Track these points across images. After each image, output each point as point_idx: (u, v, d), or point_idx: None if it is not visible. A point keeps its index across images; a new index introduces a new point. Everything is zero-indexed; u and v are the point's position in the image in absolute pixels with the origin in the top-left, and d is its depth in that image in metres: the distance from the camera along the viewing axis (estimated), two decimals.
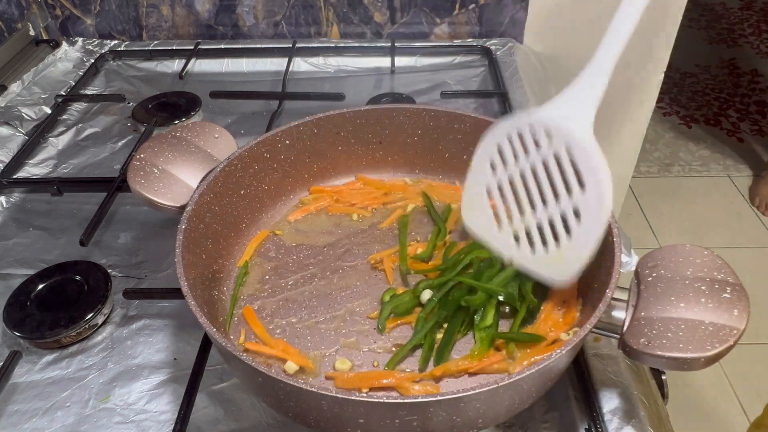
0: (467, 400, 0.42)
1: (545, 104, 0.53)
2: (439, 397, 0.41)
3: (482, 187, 0.58)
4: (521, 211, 0.56)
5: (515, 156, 0.55)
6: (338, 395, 0.42)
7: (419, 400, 0.41)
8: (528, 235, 0.55)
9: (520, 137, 0.55)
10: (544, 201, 0.54)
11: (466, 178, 0.60)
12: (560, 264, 0.53)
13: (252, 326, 0.58)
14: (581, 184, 0.51)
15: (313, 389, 0.42)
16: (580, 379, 0.56)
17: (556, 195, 0.53)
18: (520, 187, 0.55)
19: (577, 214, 0.51)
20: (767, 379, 1.64)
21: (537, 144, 0.54)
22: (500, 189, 0.57)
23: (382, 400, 0.42)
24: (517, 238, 0.56)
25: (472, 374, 0.54)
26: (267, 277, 0.64)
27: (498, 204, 0.57)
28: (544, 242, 0.54)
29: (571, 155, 0.51)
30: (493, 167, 0.57)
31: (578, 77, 0.53)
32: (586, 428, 0.53)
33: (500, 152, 0.57)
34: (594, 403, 0.54)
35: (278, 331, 0.58)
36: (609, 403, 0.55)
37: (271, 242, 0.68)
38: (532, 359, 0.53)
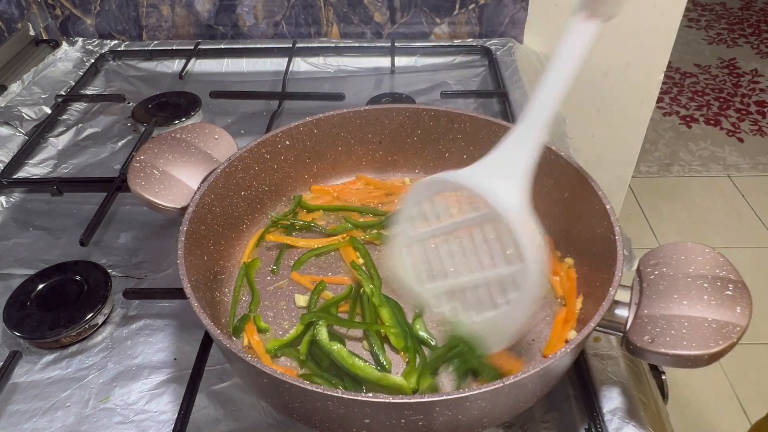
0: (472, 399, 0.42)
1: (477, 163, 0.49)
2: (444, 397, 0.41)
3: (404, 247, 0.55)
4: (450, 272, 0.52)
5: (441, 217, 0.52)
6: (344, 395, 0.42)
7: (425, 399, 0.41)
8: (461, 296, 0.53)
9: (445, 198, 0.52)
10: (469, 267, 0.51)
11: (391, 231, 0.58)
12: (492, 331, 0.51)
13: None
14: (507, 259, 0.48)
15: (318, 390, 0.42)
16: (580, 379, 0.56)
17: (481, 264, 0.50)
18: (447, 246, 0.53)
19: (502, 286, 0.49)
20: (767, 379, 1.64)
21: (461, 209, 0.51)
22: (424, 248, 0.54)
23: (387, 400, 0.42)
24: (448, 296, 0.54)
25: None
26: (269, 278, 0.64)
27: (430, 259, 0.54)
28: (478, 306, 0.51)
29: (502, 228, 0.48)
30: (421, 220, 0.54)
31: (510, 134, 0.49)
32: (586, 428, 0.53)
33: (424, 210, 0.53)
34: (594, 403, 0.54)
35: (280, 332, 0.58)
36: (609, 403, 0.55)
37: (272, 242, 0.68)
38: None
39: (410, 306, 0.59)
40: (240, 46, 1.15)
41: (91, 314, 0.62)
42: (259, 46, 1.15)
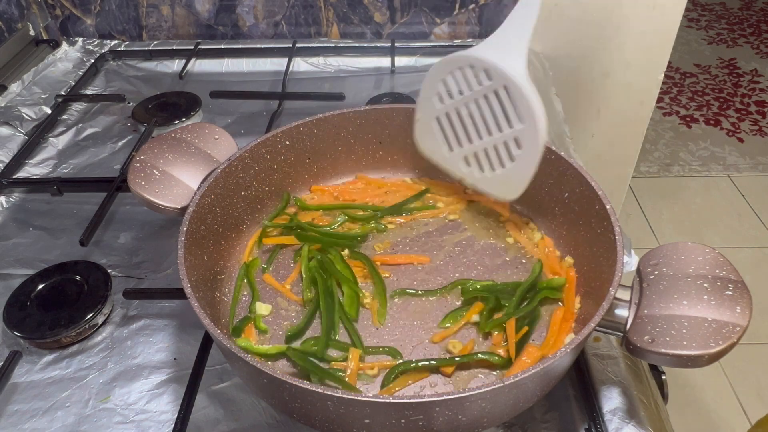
0: (473, 399, 0.42)
1: (483, 42, 0.60)
2: (444, 397, 0.41)
3: (432, 117, 0.65)
4: (469, 138, 0.63)
5: (460, 90, 0.62)
6: (344, 395, 0.42)
7: (425, 400, 0.41)
8: (477, 158, 0.63)
9: (463, 73, 0.61)
10: (488, 129, 0.61)
11: (416, 107, 0.67)
12: (505, 184, 0.62)
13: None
14: (519, 117, 0.58)
15: (318, 389, 0.42)
16: (580, 379, 0.56)
17: (498, 125, 0.60)
18: (466, 117, 0.62)
19: (517, 142, 0.59)
20: (767, 379, 1.64)
21: (478, 80, 0.60)
22: (448, 117, 0.64)
23: (387, 400, 0.42)
24: (467, 161, 0.64)
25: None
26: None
27: (448, 131, 0.65)
28: (492, 165, 0.62)
29: (507, 92, 0.58)
30: (440, 98, 0.64)
31: (510, 14, 0.58)
32: (586, 428, 0.53)
33: (446, 85, 0.63)
34: (594, 403, 0.54)
35: (280, 332, 0.58)
36: (609, 403, 0.55)
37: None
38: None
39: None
40: (240, 46, 1.15)
41: (91, 314, 0.62)
42: (259, 46, 1.15)
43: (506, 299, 0.59)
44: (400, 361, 0.55)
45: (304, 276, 0.62)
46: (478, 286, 0.60)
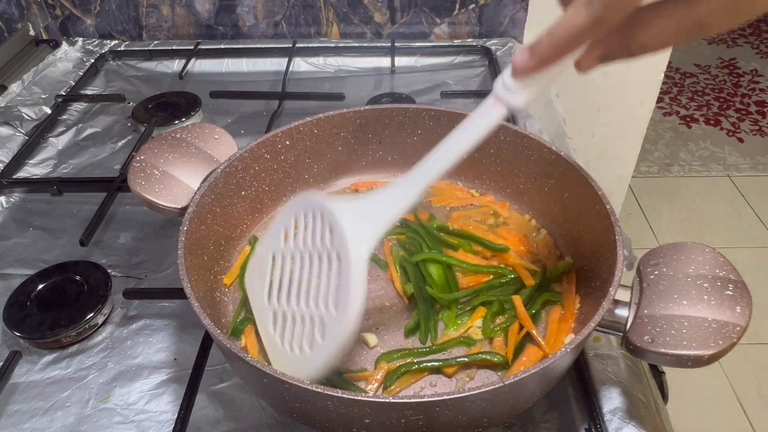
0: (473, 399, 0.42)
1: (354, 200, 0.51)
2: (444, 397, 0.41)
3: (269, 253, 0.55)
4: (288, 297, 0.52)
5: (303, 235, 0.53)
6: (344, 395, 0.42)
7: (425, 400, 0.41)
8: (284, 323, 0.52)
9: (313, 218, 0.52)
10: (308, 298, 0.51)
11: (262, 236, 0.61)
12: (292, 367, 0.49)
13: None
14: (336, 302, 0.48)
15: (318, 389, 0.42)
16: (580, 379, 0.56)
17: (317, 299, 0.50)
18: (296, 271, 0.53)
19: (322, 330, 0.48)
20: (767, 379, 1.64)
21: (322, 234, 0.51)
22: (283, 261, 0.54)
23: (387, 400, 0.42)
24: (275, 320, 0.53)
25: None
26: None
27: (276, 277, 0.54)
28: (291, 341, 0.51)
29: (339, 266, 0.48)
30: (285, 236, 0.55)
31: (394, 186, 0.49)
32: (586, 428, 0.53)
33: (296, 223, 0.54)
34: (594, 403, 0.54)
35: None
36: (609, 403, 0.55)
37: None
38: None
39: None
40: (240, 46, 1.15)
41: (91, 314, 0.62)
42: (259, 46, 1.15)
43: (509, 303, 0.59)
44: (402, 362, 0.55)
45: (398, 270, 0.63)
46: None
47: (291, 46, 1.13)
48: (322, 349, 0.47)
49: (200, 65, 1.13)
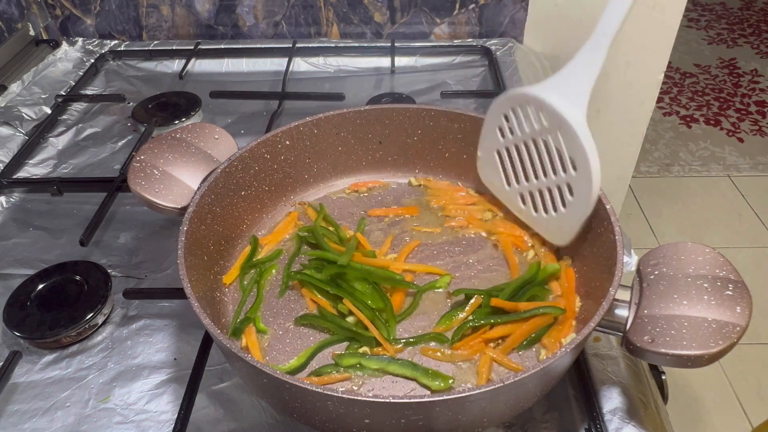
0: (473, 399, 0.42)
1: (547, 80, 0.58)
2: (444, 397, 0.41)
3: (493, 149, 0.65)
4: (526, 176, 0.63)
5: (519, 126, 0.61)
6: (344, 395, 0.42)
7: (425, 400, 0.41)
8: (532, 197, 0.63)
9: (523, 110, 0.60)
10: (544, 171, 0.60)
11: (480, 138, 0.67)
12: (557, 229, 0.61)
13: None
14: (573, 164, 0.56)
15: (318, 389, 0.42)
16: (580, 379, 0.56)
17: (553, 169, 0.59)
18: (524, 155, 0.62)
19: (570, 189, 0.58)
20: (767, 379, 1.64)
21: (537, 119, 0.59)
22: (508, 152, 0.64)
23: (387, 400, 0.42)
24: (523, 199, 0.64)
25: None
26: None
27: (507, 165, 0.65)
28: (545, 207, 0.62)
29: (564, 138, 0.56)
30: (501, 132, 0.64)
31: (576, 56, 0.57)
32: (586, 428, 0.53)
33: (507, 119, 0.62)
34: (594, 403, 0.54)
35: (281, 332, 0.58)
36: (609, 403, 0.55)
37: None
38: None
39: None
40: (240, 46, 1.15)
41: (91, 314, 0.62)
42: (259, 46, 1.15)
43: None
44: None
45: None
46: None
47: (291, 46, 1.13)
48: (576, 204, 0.57)
49: (200, 65, 1.13)
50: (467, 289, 0.60)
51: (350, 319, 0.58)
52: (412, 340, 0.56)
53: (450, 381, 0.52)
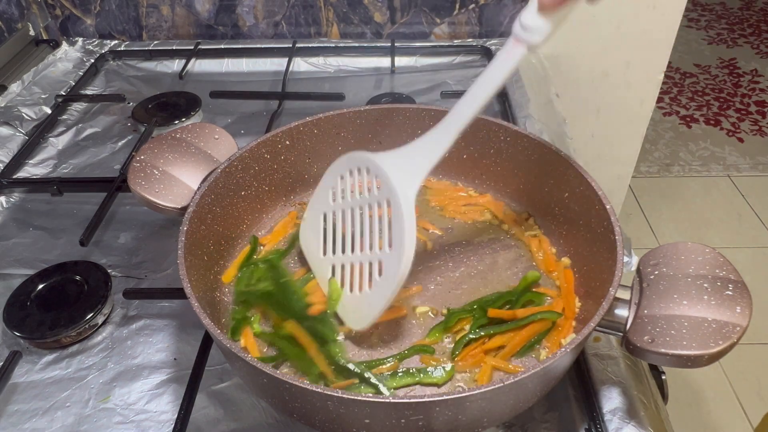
0: (473, 399, 0.42)
1: (392, 151, 0.56)
2: (444, 397, 0.41)
3: (320, 211, 0.62)
4: (342, 247, 0.59)
5: (351, 191, 0.58)
6: (344, 395, 0.42)
7: (425, 400, 0.41)
8: (342, 271, 0.58)
9: (360, 173, 0.58)
10: (362, 243, 0.56)
11: (311, 198, 0.64)
12: (357, 310, 0.56)
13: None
14: (390, 241, 0.53)
15: (318, 389, 0.42)
16: (580, 379, 0.56)
17: (371, 243, 0.55)
18: (348, 222, 0.58)
19: (380, 268, 0.54)
20: (767, 379, 1.64)
21: (369, 186, 0.56)
22: (334, 216, 0.60)
23: (387, 400, 0.42)
24: (334, 271, 0.59)
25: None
26: None
27: (329, 232, 0.61)
28: (352, 284, 0.56)
29: (392, 211, 0.53)
30: (333, 195, 0.61)
31: (425, 135, 0.55)
32: (586, 428, 0.53)
33: (342, 181, 0.60)
34: (594, 403, 0.54)
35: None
36: (609, 403, 0.55)
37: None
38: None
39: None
40: (240, 46, 1.15)
41: (91, 314, 0.62)
42: (259, 46, 1.15)
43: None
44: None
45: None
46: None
47: (291, 46, 1.13)
48: (383, 285, 0.53)
49: (200, 65, 1.13)
50: (460, 310, 0.59)
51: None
52: (398, 355, 0.56)
53: (450, 366, 0.54)
